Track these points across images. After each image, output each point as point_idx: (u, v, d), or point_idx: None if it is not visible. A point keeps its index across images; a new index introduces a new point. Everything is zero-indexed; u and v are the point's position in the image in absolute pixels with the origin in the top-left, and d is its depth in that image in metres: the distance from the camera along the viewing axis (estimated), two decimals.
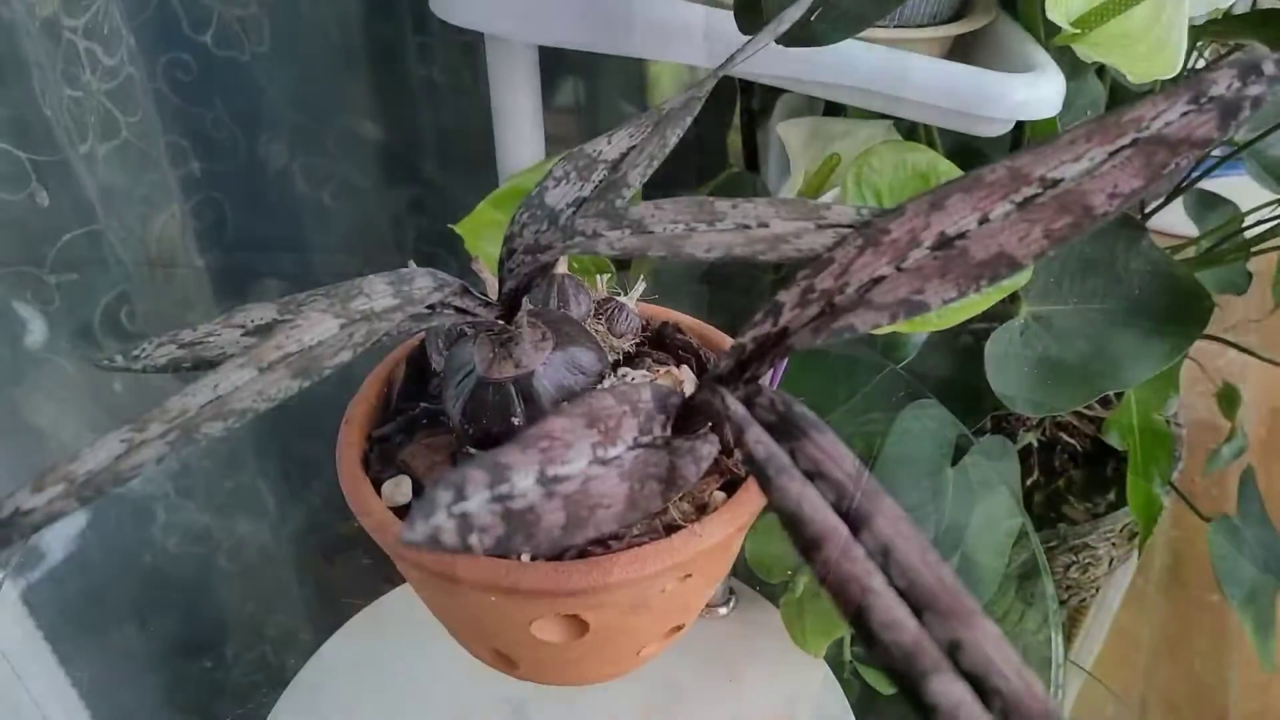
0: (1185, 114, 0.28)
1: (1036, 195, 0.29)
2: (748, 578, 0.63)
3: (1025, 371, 0.60)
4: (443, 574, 0.34)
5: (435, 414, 0.40)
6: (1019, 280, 0.55)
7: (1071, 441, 0.88)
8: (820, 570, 0.21)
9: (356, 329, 0.30)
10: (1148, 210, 0.79)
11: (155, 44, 0.81)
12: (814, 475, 0.24)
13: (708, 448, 0.29)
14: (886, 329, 0.55)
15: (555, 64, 1.02)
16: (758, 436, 0.25)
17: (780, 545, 0.59)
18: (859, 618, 0.20)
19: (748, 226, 0.31)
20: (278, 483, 0.90)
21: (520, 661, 0.39)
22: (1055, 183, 0.29)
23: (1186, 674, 1.18)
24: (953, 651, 0.19)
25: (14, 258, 0.70)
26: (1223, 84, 0.28)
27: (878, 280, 0.29)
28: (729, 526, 0.35)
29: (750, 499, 0.36)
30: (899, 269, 0.29)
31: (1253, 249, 0.70)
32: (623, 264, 0.68)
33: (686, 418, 0.32)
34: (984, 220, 0.29)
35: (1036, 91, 0.49)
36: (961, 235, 0.29)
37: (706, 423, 0.32)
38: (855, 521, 0.23)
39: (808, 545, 0.22)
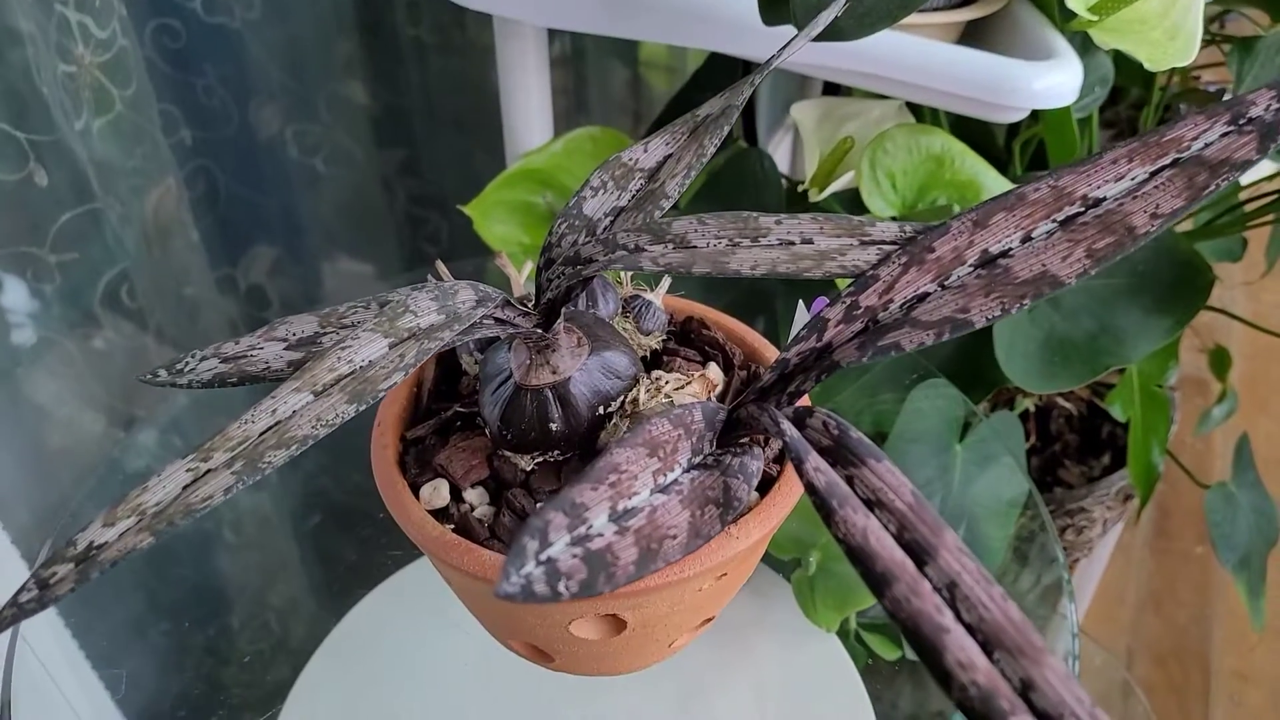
0: (1225, 135, 0.29)
1: (1079, 214, 0.29)
2: None
3: (1033, 350, 0.61)
4: (484, 578, 0.35)
5: (469, 416, 0.40)
6: None
7: (1067, 406, 0.90)
8: (891, 606, 0.22)
9: (406, 349, 0.30)
10: None
11: (143, 11, 0.80)
12: (873, 504, 0.25)
13: (756, 464, 0.30)
14: None
15: None
16: (817, 465, 0.26)
17: (793, 523, 0.60)
18: (934, 656, 0.21)
19: (792, 243, 0.31)
20: None
21: (556, 655, 0.40)
22: (1098, 202, 0.29)
23: (1171, 626, 1.22)
24: (1026, 691, 0.20)
25: (14, 238, 0.69)
26: (1262, 105, 0.29)
27: (922, 298, 0.30)
28: (764, 527, 0.36)
29: (784, 499, 0.37)
30: (943, 286, 0.30)
31: (1250, 223, 0.70)
32: None
33: (730, 429, 0.32)
34: (1027, 239, 0.29)
35: (1055, 80, 0.49)
36: (1005, 254, 0.30)
37: (749, 432, 0.33)
38: (919, 554, 0.23)
39: (877, 581, 0.22)
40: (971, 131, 0.66)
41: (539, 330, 0.35)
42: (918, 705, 0.63)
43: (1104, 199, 0.29)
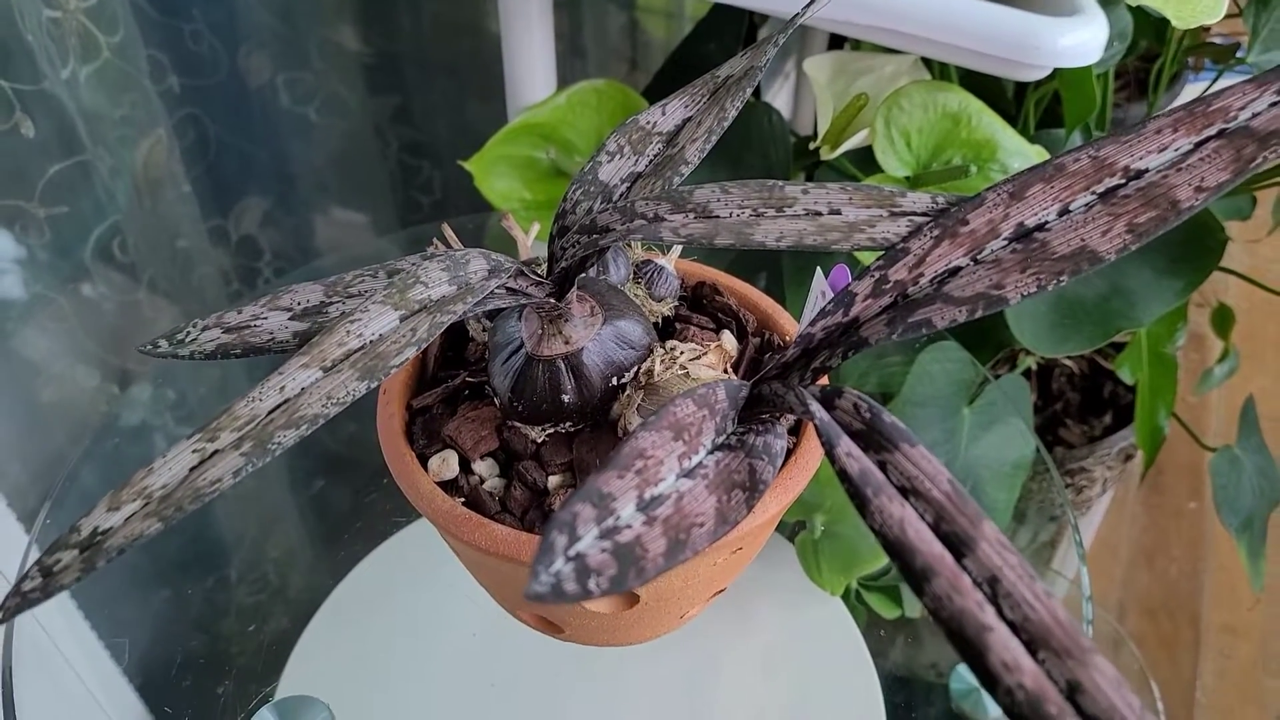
0: (1275, 104, 0.28)
1: (1120, 186, 0.28)
2: None
3: (1043, 312, 0.60)
4: (496, 553, 0.34)
5: (477, 385, 0.39)
6: None
7: (1069, 364, 0.89)
8: (932, 604, 0.21)
9: (418, 322, 0.29)
10: None
11: None
12: (907, 492, 0.24)
13: (780, 442, 0.29)
14: None
15: None
16: (849, 450, 0.25)
17: None
18: (978, 657, 0.20)
19: (819, 214, 0.30)
20: None
21: (566, 627, 0.40)
22: (1140, 174, 0.28)
23: (1162, 580, 1.22)
24: (1073, 694, 0.20)
25: (1, 191, 0.67)
26: None
27: (954, 272, 0.29)
28: (781, 501, 0.35)
29: (800, 473, 0.36)
30: (976, 261, 0.29)
31: (1261, 182, 0.69)
32: None
33: (751, 404, 0.31)
34: (1065, 211, 0.28)
35: (1081, 37, 0.47)
36: (1041, 227, 0.28)
37: (770, 409, 0.32)
38: (957, 546, 0.23)
39: (916, 575, 0.22)
40: (979, 86, 0.64)
41: (551, 299, 0.34)
42: (910, 659, 0.63)
43: (1146, 170, 0.28)
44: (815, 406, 0.26)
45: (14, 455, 0.72)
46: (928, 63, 0.59)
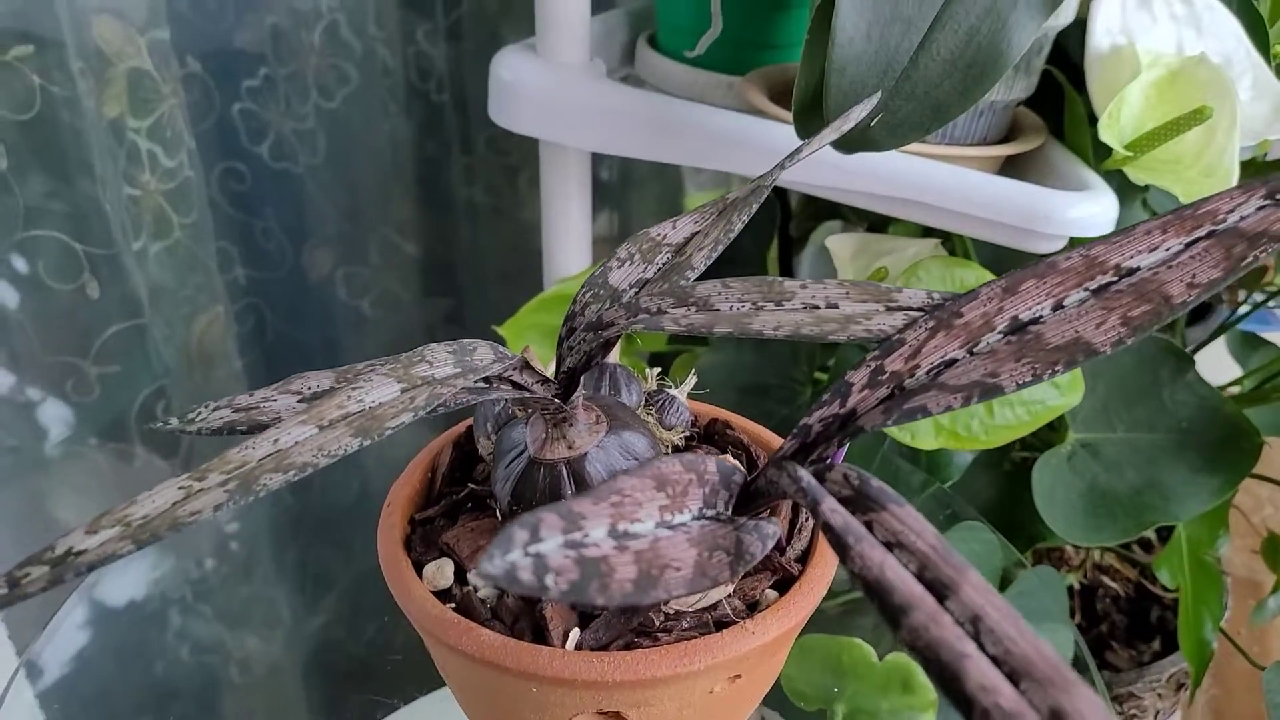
0: (1262, 209, 0.28)
1: (1112, 283, 0.28)
2: (780, 704, 0.60)
3: (1074, 500, 0.58)
4: (483, 659, 0.33)
5: (481, 497, 0.39)
6: (1069, 402, 0.54)
7: (1114, 585, 0.86)
8: (909, 636, 0.20)
9: (418, 393, 0.29)
10: (1189, 349, 0.79)
11: (213, 152, 0.83)
12: (892, 545, 0.23)
13: (772, 528, 0.28)
14: (933, 445, 0.54)
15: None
16: (833, 506, 0.24)
17: (820, 672, 0.57)
18: (954, 683, 0.19)
19: (816, 307, 0.30)
20: (292, 594, 0.88)
21: None
22: (1131, 271, 0.28)
23: None
24: (1054, 719, 0.18)
25: (59, 347, 0.70)
26: None
27: (950, 363, 0.29)
28: (782, 625, 0.34)
29: (804, 598, 0.35)
30: (971, 352, 0.29)
31: None
32: (663, 366, 0.68)
33: (746, 501, 0.31)
34: (1059, 306, 0.29)
35: (1090, 209, 0.49)
36: (1036, 320, 0.29)
37: (767, 508, 0.31)
38: (940, 591, 0.22)
39: (893, 612, 0.21)
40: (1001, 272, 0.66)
41: (556, 400, 0.34)
42: None
43: (1138, 269, 0.28)
44: (802, 472, 0.26)
45: (35, 620, 0.72)
46: (949, 249, 0.61)
